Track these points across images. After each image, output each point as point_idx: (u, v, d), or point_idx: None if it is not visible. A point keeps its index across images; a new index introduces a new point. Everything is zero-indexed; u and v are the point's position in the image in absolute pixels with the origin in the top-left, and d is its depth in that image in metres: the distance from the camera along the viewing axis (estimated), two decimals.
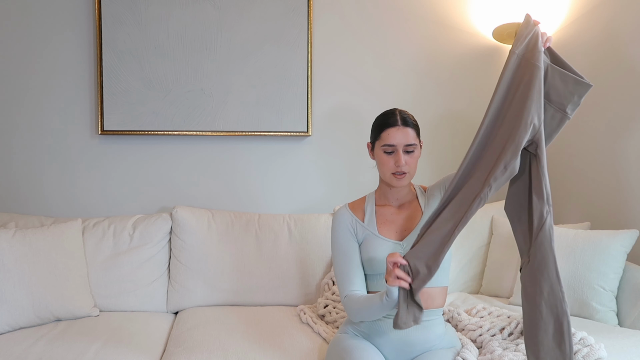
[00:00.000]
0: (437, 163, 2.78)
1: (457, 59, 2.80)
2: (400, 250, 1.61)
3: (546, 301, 1.40)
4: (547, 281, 1.40)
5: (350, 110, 2.74)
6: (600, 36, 2.34)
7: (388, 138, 1.59)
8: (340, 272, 1.63)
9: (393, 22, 2.75)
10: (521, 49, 1.51)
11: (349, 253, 1.63)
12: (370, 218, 1.66)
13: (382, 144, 1.61)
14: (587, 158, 2.43)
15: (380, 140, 1.62)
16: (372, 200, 1.70)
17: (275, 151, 2.71)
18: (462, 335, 1.78)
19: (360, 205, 1.70)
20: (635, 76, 2.15)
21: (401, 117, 1.61)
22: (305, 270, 2.34)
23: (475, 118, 2.83)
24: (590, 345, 1.59)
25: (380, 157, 1.62)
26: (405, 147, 1.60)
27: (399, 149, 1.59)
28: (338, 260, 1.65)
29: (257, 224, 2.42)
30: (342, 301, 1.62)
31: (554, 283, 1.40)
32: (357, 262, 1.63)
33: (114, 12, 2.53)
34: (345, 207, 1.70)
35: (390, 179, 1.62)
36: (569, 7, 2.54)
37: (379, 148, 1.62)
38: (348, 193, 2.60)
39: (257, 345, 1.80)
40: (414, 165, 1.63)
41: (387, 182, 1.65)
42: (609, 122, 2.29)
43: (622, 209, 2.22)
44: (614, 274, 1.99)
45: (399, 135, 1.59)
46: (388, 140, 1.59)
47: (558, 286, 1.40)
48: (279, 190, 2.72)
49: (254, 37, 2.62)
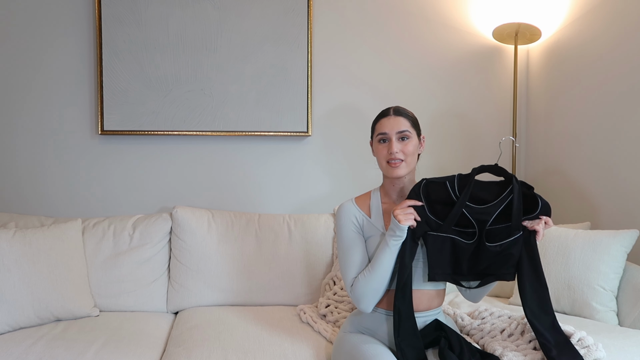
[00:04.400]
0: (436, 162, 2.78)
1: (457, 59, 2.80)
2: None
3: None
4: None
5: (350, 110, 2.74)
6: (600, 36, 2.34)
7: (381, 127, 1.66)
8: (346, 262, 1.63)
9: (393, 23, 2.75)
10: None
11: (355, 243, 1.64)
12: (377, 214, 1.66)
13: (376, 134, 1.67)
14: (587, 158, 2.43)
15: (375, 131, 1.69)
16: (377, 196, 1.71)
17: (275, 151, 2.71)
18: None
19: (366, 201, 1.71)
20: (635, 76, 2.15)
21: (394, 108, 1.68)
22: (305, 270, 2.34)
23: (475, 117, 2.83)
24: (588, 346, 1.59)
25: (376, 148, 1.68)
26: (398, 134, 1.63)
27: (391, 137, 1.63)
28: (344, 249, 1.65)
29: (257, 224, 2.42)
30: (351, 288, 1.61)
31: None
32: (363, 252, 1.63)
33: (114, 12, 2.53)
34: (351, 200, 1.71)
35: (387, 169, 1.64)
36: (569, 7, 2.54)
37: (375, 140, 1.68)
38: (348, 193, 2.60)
39: (257, 345, 1.80)
40: (411, 153, 1.64)
41: (385, 174, 1.68)
42: (609, 122, 2.29)
43: (622, 209, 2.22)
44: (614, 274, 1.99)
45: (391, 122, 1.64)
46: (381, 129, 1.65)
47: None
48: (279, 190, 2.72)
49: (253, 37, 2.62)
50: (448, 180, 1.59)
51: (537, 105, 2.78)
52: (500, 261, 1.55)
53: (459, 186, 1.58)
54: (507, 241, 1.54)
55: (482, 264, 1.56)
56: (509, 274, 1.55)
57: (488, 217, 1.55)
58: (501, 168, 1.62)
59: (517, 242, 1.54)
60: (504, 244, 1.54)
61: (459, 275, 1.59)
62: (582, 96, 2.45)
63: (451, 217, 1.56)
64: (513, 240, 1.54)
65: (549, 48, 2.68)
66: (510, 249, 1.54)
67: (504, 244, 1.54)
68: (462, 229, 1.58)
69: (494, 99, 2.84)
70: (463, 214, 1.57)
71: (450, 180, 1.59)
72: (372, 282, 1.56)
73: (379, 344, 1.59)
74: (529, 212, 1.56)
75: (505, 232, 1.54)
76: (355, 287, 1.59)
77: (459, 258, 1.57)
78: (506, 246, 1.54)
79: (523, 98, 2.86)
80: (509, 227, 1.54)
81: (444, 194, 1.58)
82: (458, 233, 1.58)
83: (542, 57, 2.74)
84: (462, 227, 1.58)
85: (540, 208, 1.55)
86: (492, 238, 1.55)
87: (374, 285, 1.56)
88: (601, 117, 2.34)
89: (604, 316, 1.95)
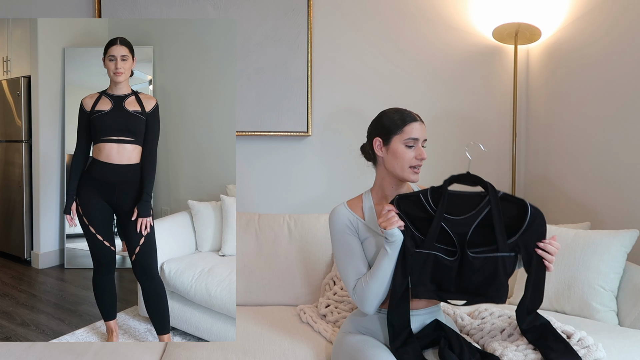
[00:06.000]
0: (436, 161, 2.78)
1: (457, 59, 2.80)
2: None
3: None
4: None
5: (351, 110, 2.74)
6: (600, 36, 2.34)
7: (412, 131, 1.60)
8: (345, 266, 1.63)
9: (393, 23, 2.75)
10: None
11: (353, 248, 1.63)
12: (371, 216, 1.66)
13: (405, 138, 1.60)
14: (587, 158, 2.43)
15: (403, 134, 1.60)
16: (369, 198, 1.70)
17: (275, 151, 2.70)
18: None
19: (358, 204, 1.70)
20: (634, 76, 2.15)
21: (417, 115, 1.65)
22: (305, 270, 2.34)
23: (474, 117, 2.83)
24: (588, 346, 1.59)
25: (400, 151, 1.60)
26: (424, 141, 1.64)
27: (419, 143, 1.62)
28: (342, 255, 1.64)
29: (257, 224, 2.42)
30: (353, 290, 1.60)
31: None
32: (362, 255, 1.63)
33: (113, 12, 2.54)
34: (343, 205, 1.69)
35: (409, 173, 1.61)
36: (569, 7, 2.54)
37: (400, 142, 1.60)
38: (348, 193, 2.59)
39: (257, 345, 1.80)
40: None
41: (402, 177, 1.62)
42: (609, 122, 2.29)
43: (622, 209, 2.22)
44: (614, 274, 1.99)
45: (422, 129, 1.63)
46: (412, 133, 1.60)
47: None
48: (279, 190, 2.72)
49: (253, 37, 2.62)
50: (421, 194, 1.56)
51: (537, 105, 2.78)
52: (486, 279, 1.50)
53: (433, 199, 1.55)
54: (490, 255, 1.49)
55: (468, 279, 1.51)
56: (498, 297, 1.50)
57: (467, 229, 1.51)
58: (474, 176, 1.57)
59: (504, 261, 1.49)
60: (488, 257, 1.49)
61: (445, 292, 1.54)
62: (582, 96, 2.45)
63: (431, 233, 1.52)
64: (498, 258, 1.49)
65: (549, 48, 2.68)
66: (494, 266, 1.48)
67: (487, 258, 1.49)
68: (445, 246, 1.54)
69: (494, 98, 2.84)
70: (443, 228, 1.53)
71: (424, 194, 1.56)
72: (374, 287, 1.56)
73: (379, 344, 1.59)
74: (518, 220, 1.51)
75: (489, 239, 1.50)
76: (359, 292, 1.59)
77: (443, 275, 1.53)
78: (490, 260, 1.49)
79: (523, 98, 2.86)
80: (494, 236, 1.50)
81: (420, 208, 1.55)
82: (442, 250, 1.54)
83: (542, 57, 2.74)
84: (444, 244, 1.54)
85: (529, 215, 1.49)
86: (474, 245, 1.51)
87: (376, 289, 1.56)
88: (601, 116, 2.34)
89: (604, 316, 1.95)
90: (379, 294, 1.57)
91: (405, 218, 1.55)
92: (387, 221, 1.52)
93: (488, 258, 1.49)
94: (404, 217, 1.55)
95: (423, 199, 1.55)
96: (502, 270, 1.49)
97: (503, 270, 1.49)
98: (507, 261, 1.50)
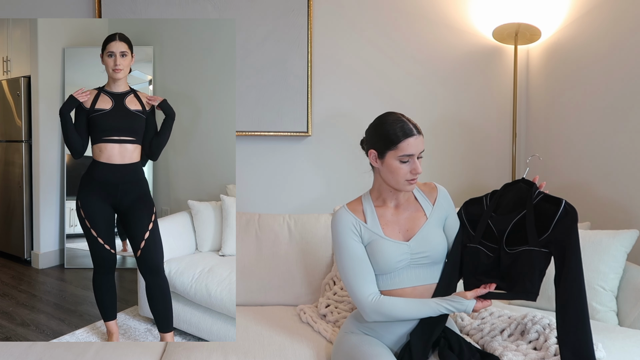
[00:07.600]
0: (435, 162, 2.78)
1: (457, 59, 2.80)
2: (407, 251, 1.61)
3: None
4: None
5: (351, 110, 2.74)
6: (600, 36, 2.34)
7: (408, 148, 1.56)
8: (354, 275, 1.60)
9: (393, 23, 2.75)
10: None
11: (360, 254, 1.61)
12: (373, 219, 1.65)
13: (399, 154, 1.56)
14: (586, 158, 2.43)
15: (398, 150, 1.56)
16: (369, 201, 1.69)
17: (275, 151, 2.70)
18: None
19: (359, 207, 1.68)
20: (634, 76, 2.15)
21: (413, 124, 1.58)
22: (305, 270, 2.34)
23: (474, 117, 2.83)
24: None
25: (395, 166, 1.58)
26: (419, 153, 1.59)
27: (415, 158, 1.58)
28: (349, 263, 1.61)
29: (257, 224, 2.41)
30: (366, 303, 1.58)
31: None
32: (368, 262, 1.62)
33: (113, 12, 2.54)
34: (344, 208, 1.67)
35: (404, 185, 1.60)
36: (568, 7, 2.54)
37: (394, 158, 1.57)
38: (348, 193, 2.60)
39: (257, 345, 1.80)
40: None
41: (397, 188, 1.62)
42: (609, 122, 2.29)
43: (622, 209, 2.22)
44: (614, 274, 1.98)
45: (418, 144, 1.57)
46: (407, 150, 1.56)
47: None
48: (279, 190, 2.72)
49: (253, 37, 2.62)
50: (485, 196, 1.73)
51: (537, 105, 2.78)
52: (519, 274, 1.54)
53: (492, 199, 1.71)
54: (521, 249, 1.55)
55: (504, 273, 1.58)
56: (533, 293, 1.53)
57: (506, 226, 1.61)
58: (528, 181, 1.66)
59: (533, 256, 1.53)
60: (519, 251, 1.55)
61: (486, 278, 1.62)
62: (582, 96, 2.45)
63: (480, 228, 1.66)
64: (527, 251, 1.53)
65: (549, 48, 2.68)
66: (527, 259, 1.53)
67: (519, 252, 1.55)
68: (488, 242, 1.64)
69: (494, 98, 2.84)
70: (489, 225, 1.65)
71: (486, 196, 1.73)
72: (398, 317, 1.57)
73: (379, 344, 1.59)
74: (552, 219, 1.56)
75: (525, 237, 1.57)
76: (379, 305, 1.57)
77: (485, 269, 1.62)
78: (522, 254, 1.54)
79: (523, 98, 2.86)
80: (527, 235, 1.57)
81: (479, 205, 1.72)
82: (485, 246, 1.64)
83: (542, 57, 2.74)
84: (487, 240, 1.65)
85: (559, 212, 1.54)
86: (511, 242, 1.60)
87: (397, 318, 1.58)
88: (601, 116, 2.34)
89: (604, 316, 1.95)
90: (397, 319, 1.58)
91: (463, 215, 1.72)
92: (482, 305, 1.56)
93: (519, 252, 1.56)
94: (463, 216, 1.72)
95: (484, 199, 1.72)
96: (533, 264, 1.53)
97: (532, 264, 1.53)
98: (538, 256, 1.54)
